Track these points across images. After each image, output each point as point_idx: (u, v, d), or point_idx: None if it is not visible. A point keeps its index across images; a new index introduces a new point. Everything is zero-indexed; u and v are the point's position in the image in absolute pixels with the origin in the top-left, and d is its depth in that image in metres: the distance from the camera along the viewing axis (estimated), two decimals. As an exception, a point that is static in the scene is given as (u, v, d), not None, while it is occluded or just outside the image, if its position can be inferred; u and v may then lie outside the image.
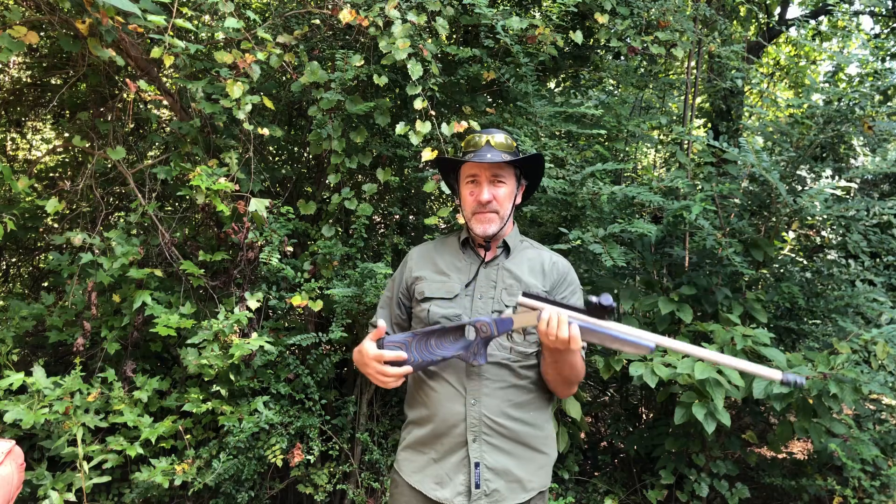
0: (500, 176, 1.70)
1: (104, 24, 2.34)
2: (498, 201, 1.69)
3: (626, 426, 3.67)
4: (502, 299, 1.67)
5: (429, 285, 1.73)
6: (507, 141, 1.70)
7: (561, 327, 1.44)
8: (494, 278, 1.71)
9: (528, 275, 1.72)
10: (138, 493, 2.68)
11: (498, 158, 1.65)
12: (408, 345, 1.60)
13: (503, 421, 1.64)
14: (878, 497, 2.94)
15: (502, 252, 1.75)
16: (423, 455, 1.69)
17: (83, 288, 2.76)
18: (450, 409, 1.64)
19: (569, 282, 1.76)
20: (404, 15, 2.60)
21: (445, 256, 1.78)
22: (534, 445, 1.69)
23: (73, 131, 3.05)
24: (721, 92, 4.11)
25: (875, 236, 3.42)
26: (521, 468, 1.66)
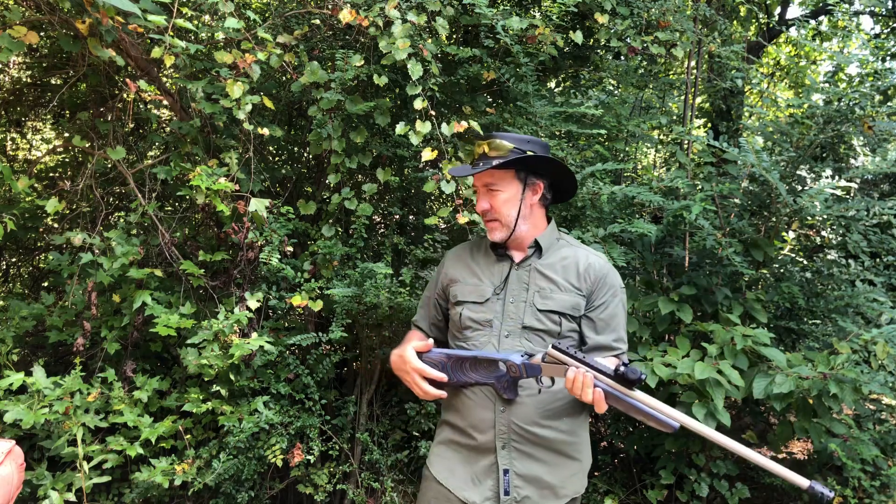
0: (492, 184, 1.68)
1: (104, 24, 2.34)
2: (495, 209, 1.68)
3: (626, 426, 3.67)
4: (534, 302, 1.66)
5: (461, 288, 1.73)
6: (503, 144, 1.66)
7: (585, 390, 1.42)
8: (526, 280, 1.69)
9: (561, 276, 1.69)
10: (138, 493, 2.68)
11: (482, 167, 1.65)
12: (444, 364, 1.61)
13: (534, 429, 1.62)
14: (878, 497, 2.94)
15: (534, 252, 1.73)
16: (454, 455, 1.69)
17: (83, 288, 2.76)
18: (480, 416, 1.63)
19: (608, 286, 1.71)
20: (404, 15, 2.60)
21: (479, 259, 1.77)
22: (566, 452, 1.67)
23: (73, 131, 3.05)
24: (721, 92, 4.11)
25: (875, 236, 3.42)
26: (552, 475, 1.64)
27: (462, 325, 1.70)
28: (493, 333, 1.66)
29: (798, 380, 2.57)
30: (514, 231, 1.69)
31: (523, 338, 1.65)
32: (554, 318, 1.65)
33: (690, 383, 2.67)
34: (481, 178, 1.69)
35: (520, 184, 1.70)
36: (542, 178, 1.74)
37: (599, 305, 1.69)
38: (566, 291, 1.67)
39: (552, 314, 1.65)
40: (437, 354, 1.64)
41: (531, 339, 1.65)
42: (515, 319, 1.66)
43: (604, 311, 1.70)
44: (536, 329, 1.65)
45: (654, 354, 2.79)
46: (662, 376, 2.64)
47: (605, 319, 1.69)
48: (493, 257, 1.75)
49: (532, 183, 1.72)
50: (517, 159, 1.65)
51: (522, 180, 1.71)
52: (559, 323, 1.65)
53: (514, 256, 1.73)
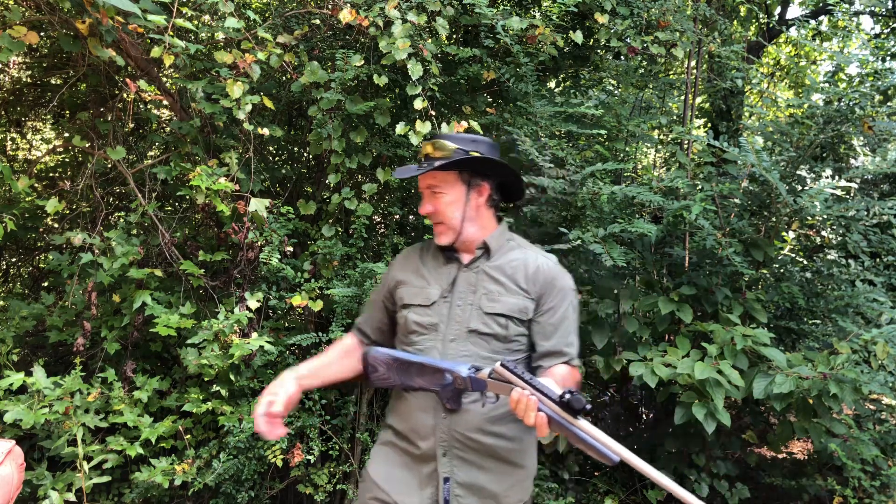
0: (435, 186, 1.63)
1: (104, 24, 2.34)
2: (438, 212, 1.63)
3: (626, 426, 3.67)
4: (481, 305, 1.60)
5: (408, 291, 1.68)
6: (446, 145, 1.61)
7: (528, 413, 1.35)
8: (474, 283, 1.64)
9: (509, 279, 1.63)
10: (138, 493, 2.68)
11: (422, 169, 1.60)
12: (389, 366, 1.56)
13: (477, 436, 1.56)
14: (878, 497, 2.94)
15: (483, 254, 1.67)
16: (395, 458, 1.65)
17: (83, 288, 2.76)
18: (421, 421, 1.58)
19: (557, 289, 1.65)
20: (404, 15, 2.60)
21: (427, 261, 1.72)
22: (511, 459, 1.61)
23: (73, 131, 3.05)
24: (721, 92, 4.10)
25: (875, 236, 3.42)
26: (496, 483, 1.59)
27: (408, 329, 1.64)
28: (438, 338, 1.61)
29: (798, 380, 2.57)
30: (460, 233, 1.64)
31: (469, 342, 1.59)
32: (500, 322, 1.59)
33: (690, 383, 2.67)
34: (425, 179, 1.64)
35: (464, 185, 1.64)
36: (488, 179, 1.67)
37: (549, 309, 1.63)
38: (514, 294, 1.61)
39: (499, 317, 1.60)
40: (383, 355, 1.57)
41: (477, 342, 1.59)
42: (461, 323, 1.60)
43: (553, 316, 1.63)
44: (483, 333, 1.59)
45: (654, 354, 2.79)
46: (662, 376, 2.64)
47: (554, 324, 1.63)
48: (442, 259, 1.69)
49: (476, 184, 1.65)
50: (459, 161, 1.60)
51: (466, 182, 1.64)
52: (506, 326, 1.60)
53: (462, 258, 1.68)
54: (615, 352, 3.00)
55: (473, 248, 1.68)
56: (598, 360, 2.94)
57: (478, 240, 1.67)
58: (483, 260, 1.67)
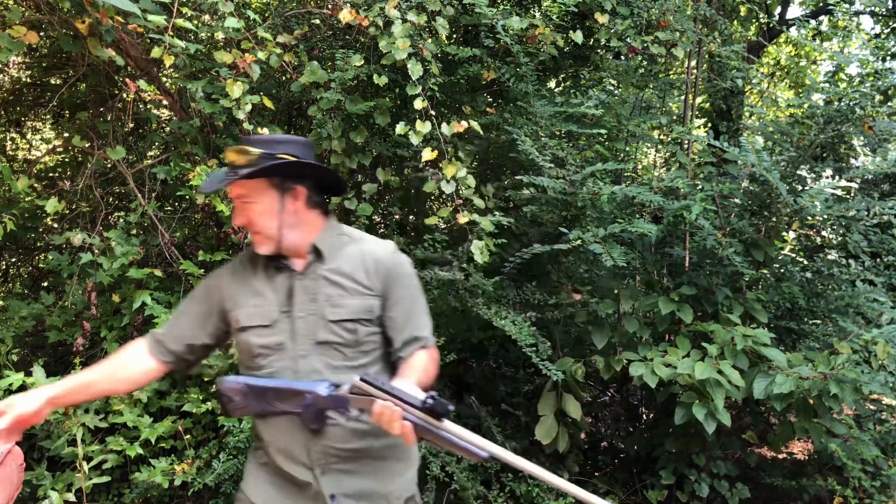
0: (245, 196, 1.50)
1: (104, 23, 2.33)
2: (252, 222, 1.50)
3: (626, 426, 3.68)
4: (325, 314, 1.50)
5: (243, 312, 1.54)
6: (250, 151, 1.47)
7: (392, 424, 1.32)
8: (313, 290, 1.52)
9: (349, 280, 1.53)
10: (138, 494, 2.68)
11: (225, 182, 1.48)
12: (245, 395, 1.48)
13: (352, 445, 1.51)
14: (878, 497, 2.94)
15: (315, 258, 1.54)
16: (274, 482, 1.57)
17: (83, 288, 2.76)
18: (292, 446, 1.51)
19: (400, 276, 1.57)
20: (404, 15, 2.60)
21: (259, 273, 1.57)
22: (391, 456, 1.58)
23: (73, 131, 3.05)
24: (721, 92, 4.10)
25: (875, 236, 3.42)
26: (382, 483, 1.56)
27: (252, 353, 1.52)
28: (286, 356, 1.51)
29: (798, 380, 2.57)
30: (280, 242, 1.51)
31: (320, 354, 1.50)
32: (348, 327, 1.51)
33: (691, 383, 2.67)
34: (234, 189, 1.50)
35: (276, 192, 1.50)
36: (303, 182, 1.53)
37: (397, 302, 1.56)
38: (356, 295, 1.52)
39: (346, 323, 1.51)
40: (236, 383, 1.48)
41: (328, 353, 1.50)
42: (308, 336, 1.50)
43: (402, 306, 1.57)
44: (332, 342, 1.50)
45: (654, 354, 2.79)
46: (662, 376, 2.64)
47: (405, 314, 1.57)
48: (272, 269, 1.55)
49: (290, 189, 1.51)
50: (265, 168, 1.46)
51: (278, 187, 1.50)
52: (354, 331, 1.51)
53: (294, 265, 1.54)
54: (615, 352, 3.00)
55: (303, 253, 1.54)
56: (598, 360, 2.94)
57: (305, 244, 1.54)
58: (318, 264, 1.54)
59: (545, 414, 2.97)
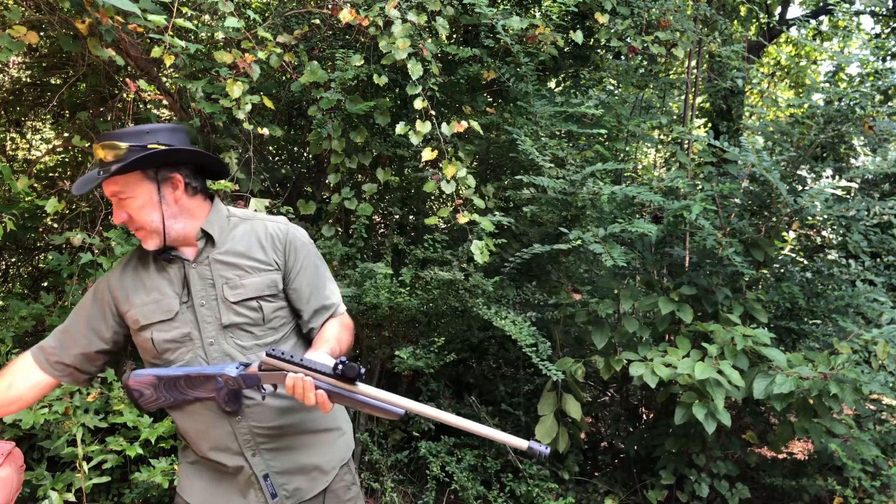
0: (120, 192, 1.44)
1: (104, 23, 2.33)
2: (133, 218, 1.45)
3: (626, 426, 3.67)
4: (226, 297, 1.48)
5: (140, 311, 1.48)
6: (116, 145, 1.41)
7: (307, 395, 1.32)
8: (209, 275, 1.49)
9: (245, 259, 1.51)
10: (138, 494, 2.68)
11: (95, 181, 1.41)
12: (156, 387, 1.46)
13: (277, 422, 1.51)
14: (878, 497, 2.94)
15: (206, 244, 1.51)
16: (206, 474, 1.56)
17: (83, 288, 2.76)
18: (217, 434, 1.49)
19: (297, 248, 1.56)
20: (404, 15, 2.60)
21: (149, 269, 1.52)
22: (320, 427, 1.59)
23: (73, 131, 3.05)
24: (721, 92, 4.11)
25: (875, 236, 3.42)
26: (314, 455, 1.57)
27: (159, 350, 1.49)
28: (196, 346, 1.48)
29: (798, 380, 2.57)
30: (165, 234, 1.46)
31: (229, 338, 1.48)
32: (252, 306, 1.49)
33: (691, 383, 2.67)
34: (108, 187, 1.43)
35: (151, 183, 1.45)
36: (178, 169, 1.48)
37: (298, 272, 1.55)
38: (256, 272, 1.50)
39: (250, 302, 1.49)
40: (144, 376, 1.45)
41: (237, 335, 1.49)
42: (213, 323, 1.48)
43: (305, 276, 1.56)
44: (239, 324, 1.49)
45: (654, 354, 2.79)
46: (662, 376, 2.64)
47: (308, 284, 1.56)
48: (162, 262, 1.51)
49: (166, 178, 1.46)
50: (135, 161, 1.40)
51: (153, 178, 1.45)
52: (259, 308, 1.50)
53: (185, 254, 1.51)
54: (615, 352, 3.00)
55: (193, 241, 1.51)
56: (598, 360, 2.94)
57: (193, 231, 1.50)
58: (209, 249, 1.51)
59: (545, 414, 2.97)
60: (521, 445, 1.31)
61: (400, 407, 1.33)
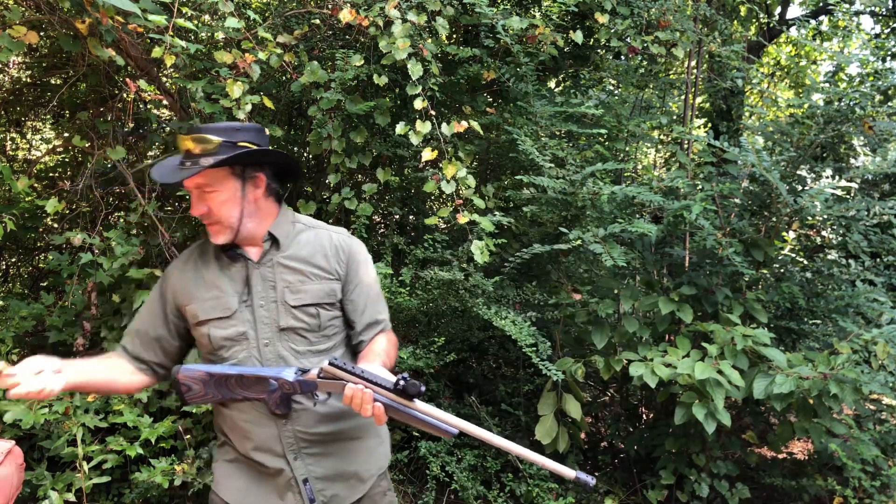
0: (206, 185, 1.47)
1: (104, 23, 2.33)
2: (213, 211, 1.48)
3: (626, 426, 3.67)
4: (286, 300, 1.51)
5: (200, 306, 1.51)
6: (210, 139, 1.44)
7: (364, 406, 1.33)
8: (271, 278, 1.52)
9: (308, 265, 1.54)
10: (138, 494, 2.68)
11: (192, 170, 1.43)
12: (205, 383, 1.47)
13: (321, 429, 1.52)
14: (878, 497, 2.94)
15: (271, 246, 1.54)
16: (245, 473, 1.56)
17: (83, 288, 2.76)
18: (262, 434, 1.51)
19: (358, 262, 1.60)
20: (404, 15, 2.60)
21: (210, 265, 1.55)
22: (360, 436, 1.60)
23: (73, 131, 3.05)
24: (721, 92, 4.10)
25: (875, 236, 3.42)
26: (353, 463, 1.58)
27: (215, 346, 1.51)
28: (251, 346, 1.51)
29: (798, 380, 2.57)
30: (238, 231, 1.50)
31: (283, 341, 1.51)
32: (311, 312, 1.52)
33: (691, 383, 2.67)
34: (193, 179, 1.46)
35: (237, 180, 1.49)
36: (263, 169, 1.53)
37: (357, 285, 1.58)
38: (317, 279, 1.53)
39: (308, 308, 1.52)
40: (195, 371, 1.46)
41: (292, 339, 1.51)
42: (270, 324, 1.50)
43: (362, 290, 1.59)
44: (295, 328, 1.51)
45: (654, 354, 2.79)
46: (662, 376, 2.64)
47: (364, 297, 1.59)
48: (226, 260, 1.54)
49: (252, 177, 1.51)
50: (233, 157, 1.45)
51: (240, 176, 1.50)
52: (317, 315, 1.52)
53: (249, 254, 1.54)
54: (615, 352, 3.00)
55: (259, 241, 1.54)
56: (598, 360, 2.94)
57: (261, 232, 1.53)
58: (274, 252, 1.54)
59: (545, 414, 2.97)
60: (569, 475, 1.34)
61: (454, 426, 1.34)
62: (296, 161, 1.65)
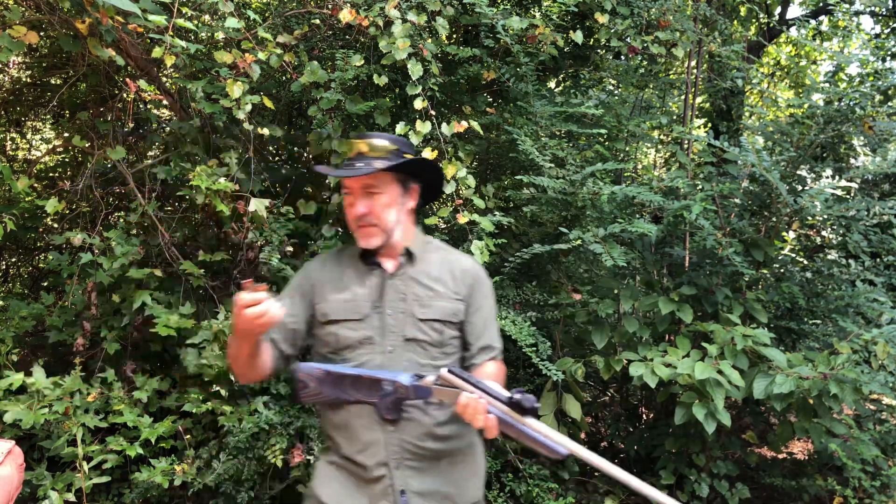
0: (373, 186, 1.54)
1: (104, 23, 2.34)
2: (374, 214, 1.54)
3: (626, 426, 3.67)
4: (414, 312, 1.56)
5: (332, 306, 1.58)
6: (384, 145, 1.55)
7: (477, 417, 1.35)
8: (403, 290, 1.58)
9: (438, 283, 1.60)
10: (138, 494, 2.68)
11: (368, 169, 1.51)
12: (321, 381, 1.50)
13: (426, 444, 1.54)
14: (878, 497, 2.94)
15: (406, 261, 1.61)
16: (345, 478, 1.59)
17: (83, 288, 2.76)
18: (368, 438, 1.53)
19: (483, 288, 1.66)
20: (404, 15, 2.60)
21: (348, 271, 1.62)
22: (461, 459, 1.62)
23: (73, 131, 3.05)
24: (721, 92, 4.11)
25: (875, 236, 3.42)
26: (450, 484, 1.58)
27: (340, 346, 1.56)
28: (375, 350, 1.55)
29: (798, 380, 2.57)
30: (389, 237, 1.57)
31: (407, 350, 1.55)
32: (436, 327, 1.57)
33: (690, 383, 2.67)
34: (363, 179, 1.54)
35: (399, 187, 1.58)
36: (419, 182, 1.64)
37: (479, 308, 1.64)
38: (445, 298, 1.59)
39: (434, 323, 1.57)
40: (314, 369, 1.50)
41: (415, 350, 1.56)
42: (397, 333, 1.55)
43: (482, 314, 1.65)
44: (420, 340, 1.56)
45: (654, 354, 2.79)
46: (662, 376, 2.64)
47: (484, 322, 1.65)
48: (364, 268, 1.61)
49: (410, 187, 1.61)
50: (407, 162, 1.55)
51: (402, 184, 1.59)
52: (441, 331, 1.57)
53: (385, 265, 1.61)
54: (615, 352, 3.00)
55: (396, 254, 1.61)
56: (598, 360, 2.94)
57: (401, 245, 1.61)
58: (408, 266, 1.61)
59: (545, 414, 2.97)
60: None
61: (564, 447, 1.34)
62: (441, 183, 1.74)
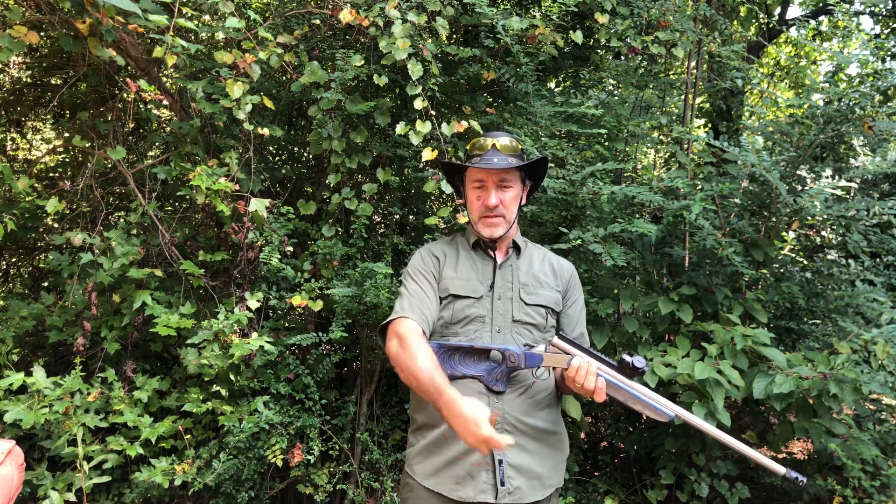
0: (507, 180, 1.71)
1: (104, 23, 2.34)
2: (504, 205, 1.71)
3: (626, 426, 3.67)
4: (521, 297, 1.71)
5: (454, 283, 1.72)
6: (513, 144, 1.73)
7: (588, 378, 1.48)
8: (510, 279, 1.74)
9: (541, 274, 1.77)
10: (138, 493, 2.68)
11: (505, 164, 1.68)
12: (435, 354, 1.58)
13: (526, 419, 1.65)
14: (878, 497, 2.94)
15: (513, 252, 1.79)
16: (440, 456, 1.65)
17: (83, 288, 2.76)
18: None
19: (577, 284, 1.84)
20: (404, 15, 2.60)
21: (462, 256, 1.78)
22: (551, 443, 1.71)
23: (73, 131, 3.05)
24: (721, 92, 4.11)
25: (875, 236, 3.42)
26: (540, 465, 1.67)
27: (456, 319, 1.69)
28: (484, 329, 1.68)
29: (798, 380, 2.57)
30: (510, 228, 1.74)
31: (514, 331, 1.68)
32: (541, 312, 1.72)
33: (690, 383, 2.67)
34: (500, 173, 1.71)
35: (521, 184, 1.77)
36: (530, 181, 1.83)
37: (574, 301, 1.81)
38: (548, 288, 1.76)
39: (539, 308, 1.72)
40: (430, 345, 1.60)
41: (521, 332, 1.69)
42: (505, 315, 1.69)
43: (577, 306, 1.82)
44: (526, 322, 1.70)
45: (654, 354, 2.79)
46: (662, 376, 2.64)
47: (578, 313, 1.82)
48: (476, 256, 1.78)
49: (527, 185, 1.81)
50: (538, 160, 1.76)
51: (523, 180, 1.77)
52: (545, 317, 1.73)
53: (496, 256, 1.77)
54: (615, 352, 3.00)
55: (505, 246, 1.78)
56: (598, 360, 2.94)
57: (510, 238, 1.78)
58: (514, 257, 1.78)
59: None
60: (779, 471, 1.46)
61: (670, 410, 1.45)
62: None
